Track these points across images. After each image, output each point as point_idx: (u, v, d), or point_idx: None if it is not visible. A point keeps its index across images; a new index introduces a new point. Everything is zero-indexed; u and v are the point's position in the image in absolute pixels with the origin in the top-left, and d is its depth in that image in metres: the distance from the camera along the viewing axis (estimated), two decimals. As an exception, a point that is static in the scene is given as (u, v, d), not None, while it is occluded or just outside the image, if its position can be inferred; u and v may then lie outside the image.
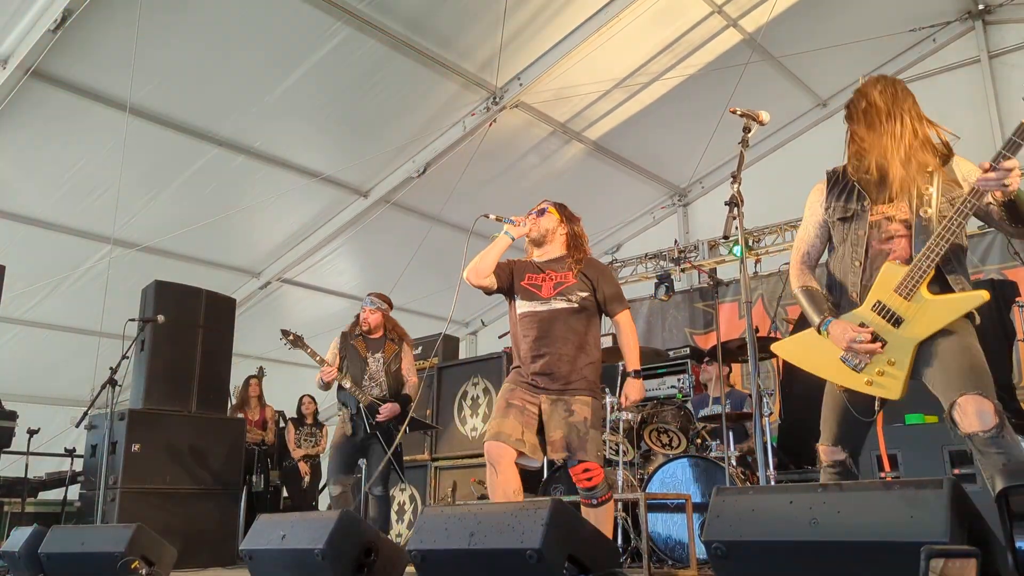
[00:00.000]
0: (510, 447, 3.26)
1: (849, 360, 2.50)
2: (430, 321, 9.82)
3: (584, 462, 3.27)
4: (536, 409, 3.35)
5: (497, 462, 3.26)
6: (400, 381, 5.07)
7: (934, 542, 1.73)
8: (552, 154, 8.29)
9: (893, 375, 2.42)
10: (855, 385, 2.49)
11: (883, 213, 2.50)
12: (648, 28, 7.00)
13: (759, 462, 2.77)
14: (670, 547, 4.63)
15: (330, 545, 2.90)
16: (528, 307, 3.48)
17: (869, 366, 2.46)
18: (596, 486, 3.30)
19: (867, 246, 2.51)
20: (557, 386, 3.35)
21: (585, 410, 3.32)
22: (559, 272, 3.50)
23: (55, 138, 6.36)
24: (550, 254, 3.58)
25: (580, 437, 3.26)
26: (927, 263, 2.34)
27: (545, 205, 3.62)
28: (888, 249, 2.47)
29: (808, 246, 2.70)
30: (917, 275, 2.36)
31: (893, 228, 2.48)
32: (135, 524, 3.79)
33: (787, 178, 8.64)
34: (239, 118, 6.71)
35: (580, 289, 3.45)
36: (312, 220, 8.18)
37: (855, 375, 2.49)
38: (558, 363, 3.35)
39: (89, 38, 5.59)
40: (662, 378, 6.12)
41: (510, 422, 3.31)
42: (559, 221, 3.59)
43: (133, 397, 5.84)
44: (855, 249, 2.53)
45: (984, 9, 7.74)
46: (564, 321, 3.41)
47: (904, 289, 2.37)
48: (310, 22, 5.99)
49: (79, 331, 7.96)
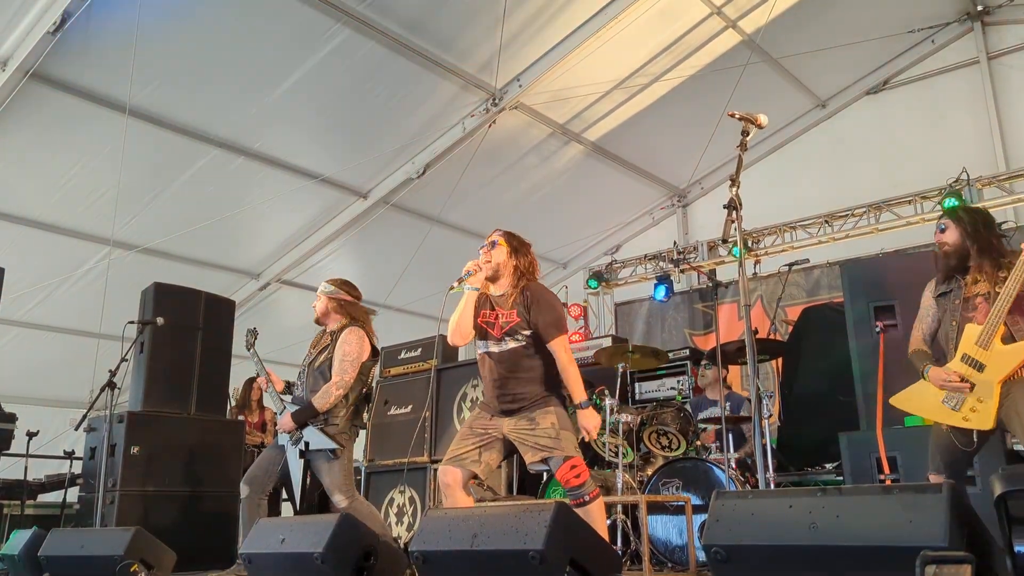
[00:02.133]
0: (462, 470, 3.34)
1: (948, 402, 3.17)
2: (430, 322, 9.80)
3: (568, 459, 3.28)
4: (498, 432, 3.40)
5: (446, 487, 3.34)
6: (326, 380, 4.24)
7: (933, 546, 1.73)
8: (551, 155, 8.29)
9: (982, 410, 3.09)
10: (955, 422, 3.15)
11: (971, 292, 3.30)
12: (647, 29, 7.00)
13: (758, 465, 2.77)
14: (670, 550, 4.63)
15: (329, 549, 2.90)
16: (483, 347, 3.51)
17: (964, 406, 3.13)
18: (583, 483, 3.30)
19: (960, 315, 3.29)
20: (518, 406, 3.40)
21: (550, 417, 3.35)
22: (506, 311, 3.48)
23: (54, 140, 6.36)
24: (502, 287, 3.55)
25: (553, 439, 3.29)
26: (996, 320, 3.10)
27: (496, 236, 3.56)
28: (972, 316, 3.23)
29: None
30: (989, 331, 3.11)
31: (977, 301, 3.25)
32: (134, 527, 3.79)
33: (787, 178, 8.66)
34: (238, 119, 6.71)
35: (523, 328, 3.43)
36: (312, 221, 8.19)
37: (954, 414, 3.16)
38: (522, 396, 3.41)
39: (88, 40, 5.58)
40: (661, 380, 6.12)
41: (466, 445, 3.39)
42: (508, 253, 3.52)
43: (132, 399, 5.82)
44: (951, 317, 3.33)
45: (983, 10, 7.75)
46: (519, 361, 3.42)
47: (982, 342, 3.12)
48: (309, 23, 5.99)
49: (78, 333, 7.95)
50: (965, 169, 6.97)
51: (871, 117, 8.41)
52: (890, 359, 4.20)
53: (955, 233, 3.34)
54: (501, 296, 3.52)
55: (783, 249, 8.04)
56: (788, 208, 8.10)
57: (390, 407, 6.59)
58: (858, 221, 7.63)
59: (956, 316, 3.28)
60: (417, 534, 2.77)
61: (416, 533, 2.79)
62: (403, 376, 6.78)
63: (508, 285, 3.52)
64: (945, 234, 3.37)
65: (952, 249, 3.35)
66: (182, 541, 4.27)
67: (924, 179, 7.30)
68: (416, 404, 6.43)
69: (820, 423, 5.54)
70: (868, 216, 7.60)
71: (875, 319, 4.47)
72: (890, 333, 4.39)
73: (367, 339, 4.34)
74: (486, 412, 3.49)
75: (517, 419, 3.37)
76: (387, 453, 6.42)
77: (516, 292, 3.47)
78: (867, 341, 4.48)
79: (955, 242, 3.34)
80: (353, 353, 4.23)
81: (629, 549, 4.59)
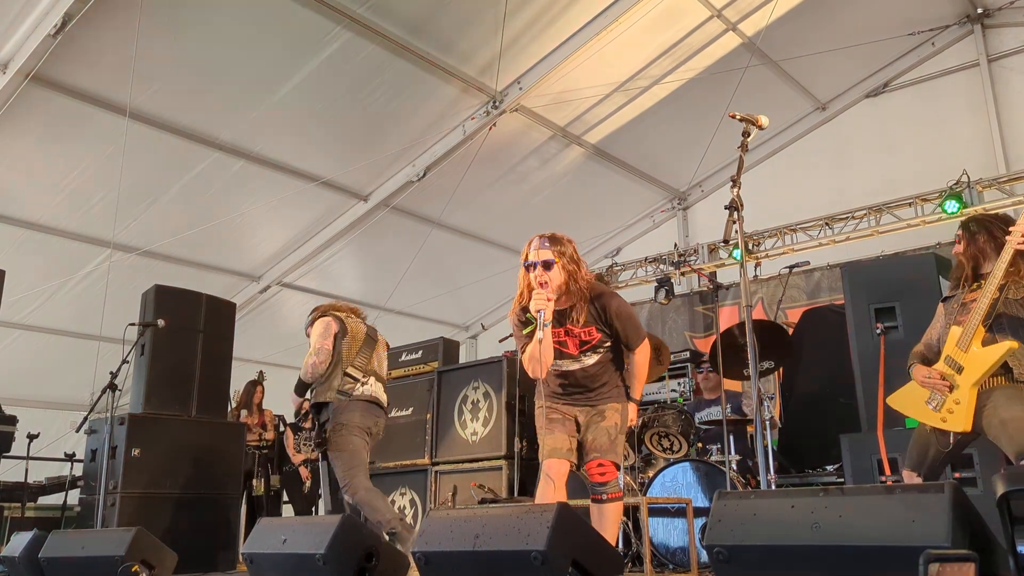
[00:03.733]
0: (566, 461, 3.37)
1: (931, 403, 3.26)
2: (430, 325, 9.82)
3: (604, 461, 3.36)
4: (573, 418, 3.45)
5: (557, 478, 3.35)
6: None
7: (936, 546, 1.73)
8: (552, 158, 8.29)
9: (958, 412, 3.16)
10: (934, 422, 3.25)
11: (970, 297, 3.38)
12: (647, 32, 7.00)
13: (760, 466, 2.78)
14: (671, 551, 4.63)
15: (331, 550, 2.90)
16: (557, 364, 3.44)
17: (943, 407, 3.20)
18: (609, 481, 3.38)
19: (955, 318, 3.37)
20: (590, 401, 3.46)
21: (615, 416, 3.42)
22: (578, 328, 3.38)
23: (55, 143, 6.36)
24: (563, 302, 3.40)
25: (611, 440, 3.37)
26: (975, 322, 3.18)
27: (548, 255, 3.29)
28: (963, 320, 3.30)
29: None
30: (969, 333, 3.19)
31: (972, 305, 3.31)
32: (135, 528, 3.79)
33: (787, 181, 8.66)
34: (239, 123, 6.71)
35: (603, 342, 3.42)
36: (312, 224, 8.18)
37: (935, 414, 3.25)
38: (596, 398, 3.47)
39: (89, 43, 5.59)
40: (662, 382, 6.12)
41: (559, 437, 3.39)
42: (562, 268, 3.32)
43: (133, 401, 5.82)
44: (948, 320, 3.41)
45: (983, 13, 7.75)
46: (599, 375, 3.46)
47: (962, 344, 3.20)
48: (310, 26, 5.99)
49: (79, 335, 7.96)
50: (965, 171, 6.98)
51: (871, 119, 8.41)
52: (891, 361, 4.20)
53: (961, 245, 3.47)
54: (567, 311, 3.39)
55: (783, 251, 8.03)
56: (788, 210, 8.10)
57: (391, 409, 6.59)
58: (858, 223, 7.63)
59: (951, 319, 3.39)
60: (419, 535, 2.77)
61: (418, 534, 2.79)
62: (404, 379, 6.79)
63: (572, 298, 3.37)
64: (958, 246, 3.50)
65: (963, 259, 3.46)
66: (183, 542, 4.28)
67: (924, 181, 7.30)
68: (417, 406, 6.44)
69: (821, 425, 5.55)
70: (868, 218, 7.60)
71: (876, 321, 4.48)
72: (891, 335, 4.41)
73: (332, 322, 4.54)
74: (554, 396, 3.49)
75: (589, 414, 3.44)
76: (388, 455, 6.42)
77: (586, 306, 3.35)
78: (868, 343, 4.49)
79: (961, 252, 3.46)
80: (316, 332, 4.47)
81: (631, 551, 4.59)
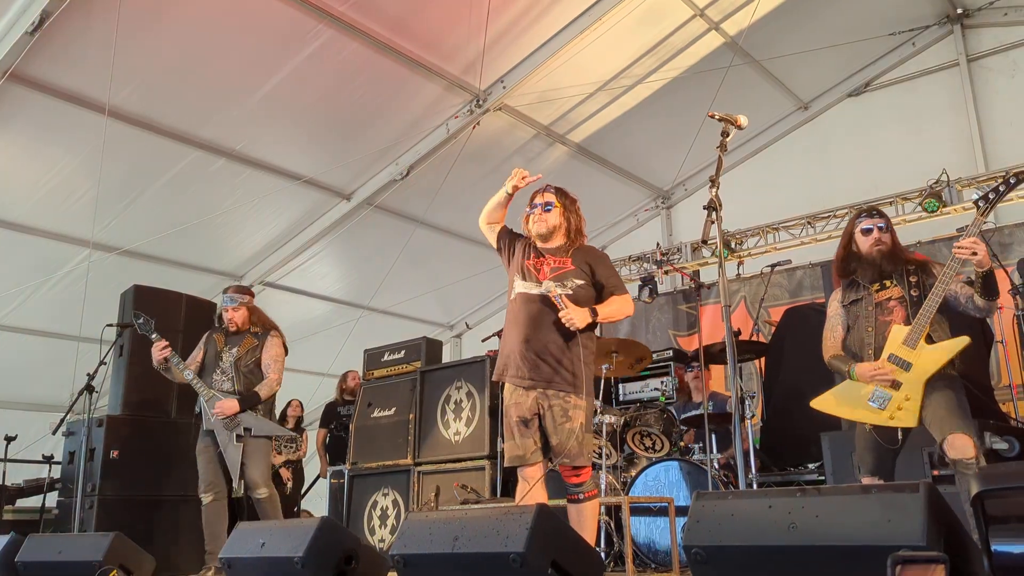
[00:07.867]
0: (538, 465, 3.37)
1: (874, 402, 3.24)
2: (414, 324, 9.80)
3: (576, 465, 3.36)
4: (534, 408, 3.37)
5: (532, 478, 3.37)
6: (259, 377, 4.83)
7: (910, 545, 1.74)
8: (536, 156, 8.28)
9: (909, 408, 3.18)
10: (880, 421, 3.23)
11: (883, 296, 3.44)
12: (631, 31, 7.02)
13: (739, 465, 2.78)
14: (653, 551, 4.64)
15: (310, 553, 2.88)
16: (523, 287, 3.51)
17: (890, 404, 3.20)
18: (584, 482, 3.38)
19: (875, 319, 3.41)
20: (544, 378, 3.35)
21: (580, 415, 3.35)
22: (557, 258, 3.52)
23: (33, 141, 6.28)
24: (553, 243, 3.59)
25: (579, 443, 3.33)
26: (924, 321, 3.23)
27: (550, 197, 3.59)
28: (890, 319, 3.35)
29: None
30: (918, 331, 3.23)
31: (891, 304, 3.40)
32: (113, 532, 3.75)
33: (769, 180, 8.71)
34: (220, 120, 6.66)
35: (577, 276, 3.45)
36: (295, 223, 8.14)
37: (880, 413, 3.23)
38: (545, 350, 3.36)
39: (67, 40, 5.52)
40: (645, 381, 6.12)
41: (523, 443, 3.37)
42: (561, 214, 3.58)
43: (111, 403, 5.77)
44: (867, 322, 3.42)
45: (963, 13, 7.83)
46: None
47: (910, 342, 3.22)
48: (292, 24, 5.95)
49: (57, 336, 7.87)
50: (945, 171, 7.03)
51: (853, 119, 8.47)
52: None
53: (887, 236, 3.56)
54: (554, 248, 3.57)
55: (766, 250, 8.07)
56: (770, 209, 8.14)
57: (373, 409, 6.57)
58: (840, 222, 7.67)
59: (871, 321, 3.41)
60: (398, 537, 2.75)
61: (397, 536, 2.78)
62: (387, 378, 6.75)
63: (561, 239, 3.58)
64: (885, 235, 3.57)
65: (881, 253, 3.52)
66: (161, 546, 4.25)
67: (905, 181, 7.36)
68: (400, 406, 6.41)
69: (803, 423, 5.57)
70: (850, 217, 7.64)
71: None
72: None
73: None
74: (513, 381, 3.43)
75: (549, 401, 3.33)
76: (370, 455, 6.39)
77: (572, 250, 3.54)
78: (848, 342, 4.50)
79: (887, 248, 3.54)
80: (281, 356, 4.97)
81: (612, 550, 4.59)
